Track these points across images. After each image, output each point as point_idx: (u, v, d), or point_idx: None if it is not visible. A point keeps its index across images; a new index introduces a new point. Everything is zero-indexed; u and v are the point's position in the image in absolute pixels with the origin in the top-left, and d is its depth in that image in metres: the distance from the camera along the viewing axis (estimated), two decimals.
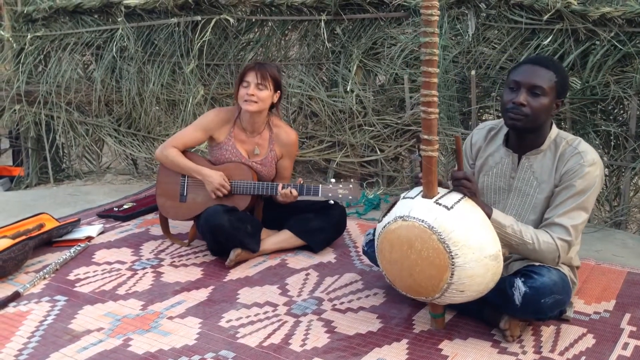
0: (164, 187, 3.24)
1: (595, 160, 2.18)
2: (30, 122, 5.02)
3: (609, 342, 2.25)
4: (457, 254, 2.01)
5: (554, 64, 2.21)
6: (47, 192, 4.61)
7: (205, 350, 2.25)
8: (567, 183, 2.19)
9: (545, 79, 2.15)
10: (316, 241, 3.14)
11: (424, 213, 2.07)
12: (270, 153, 3.16)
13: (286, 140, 3.16)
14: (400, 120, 4.04)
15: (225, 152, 3.14)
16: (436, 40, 2.01)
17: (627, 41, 3.29)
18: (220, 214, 2.92)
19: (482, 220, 2.08)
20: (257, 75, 3.01)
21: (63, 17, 4.92)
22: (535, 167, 2.27)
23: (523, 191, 2.30)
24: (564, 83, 2.19)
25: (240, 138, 3.16)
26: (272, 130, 3.17)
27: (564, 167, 2.20)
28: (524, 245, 2.18)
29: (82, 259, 3.14)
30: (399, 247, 2.12)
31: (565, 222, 2.17)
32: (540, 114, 2.16)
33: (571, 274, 2.34)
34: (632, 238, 3.34)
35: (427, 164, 2.10)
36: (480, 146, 2.44)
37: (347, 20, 4.14)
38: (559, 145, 2.24)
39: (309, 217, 3.14)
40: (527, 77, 2.15)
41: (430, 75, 2.04)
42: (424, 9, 1.98)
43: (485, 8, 3.72)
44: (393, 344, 2.26)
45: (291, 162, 3.24)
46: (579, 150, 2.20)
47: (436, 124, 2.09)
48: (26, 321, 2.51)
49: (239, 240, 2.97)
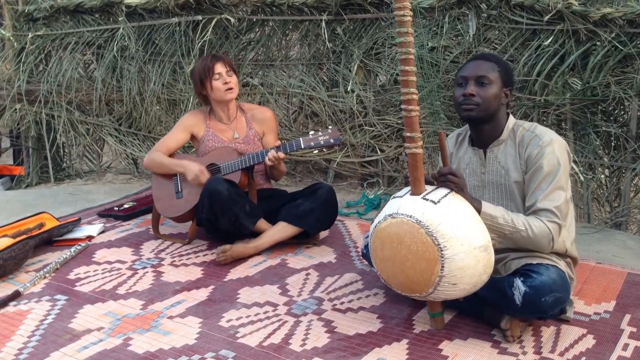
0: (159, 191, 3.35)
1: (553, 139, 2.25)
2: (31, 122, 5.02)
3: (609, 342, 2.25)
4: (445, 246, 2.03)
5: (494, 56, 2.38)
6: (48, 192, 4.62)
7: (205, 350, 2.25)
8: (534, 167, 2.24)
9: (489, 69, 2.27)
10: (309, 223, 3.14)
11: (411, 209, 2.10)
12: (250, 131, 3.32)
13: (262, 117, 3.35)
14: (400, 121, 4.04)
15: (208, 143, 3.29)
16: (411, 40, 2.08)
17: (628, 42, 3.29)
18: (221, 182, 3.03)
19: (470, 213, 2.11)
20: (225, 64, 3.22)
21: (64, 17, 4.92)
22: (499, 157, 2.35)
23: (495, 182, 2.36)
24: (507, 72, 2.31)
25: (218, 128, 3.32)
26: (246, 113, 3.37)
27: (525, 152, 2.28)
28: (517, 232, 2.19)
29: (83, 258, 3.14)
30: (390, 244, 2.14)
31: (547, 205, 2.20)
32: (491, 102, 2.27)
33: (568, 269, 2.34)
34: (633, 239, 3.34)
35: (412, 160, 2.14)
36: (452, 152, 2.52)
37: (348, 20, 4.14)
38: (516, 132, 2.33)
39: (299, 202, 3.18)
40: (472, 70, 2.29)
41: (408, 74, 2.10)
42: (397, 10, 2.06)
43: (486, 8, 3.72)
44: (393, 344, 2.26)
45: (274, 135, 3.37)
46: (536, 133, 2.28)
47: (417, 121, 2.14)
48: (26, 320, 2.51)
49: (234, 213, 3.01)
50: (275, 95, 4.45)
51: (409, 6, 2.05)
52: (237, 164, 3.13)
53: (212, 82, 3.20)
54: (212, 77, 3.19)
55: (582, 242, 2.41)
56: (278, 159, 3.05)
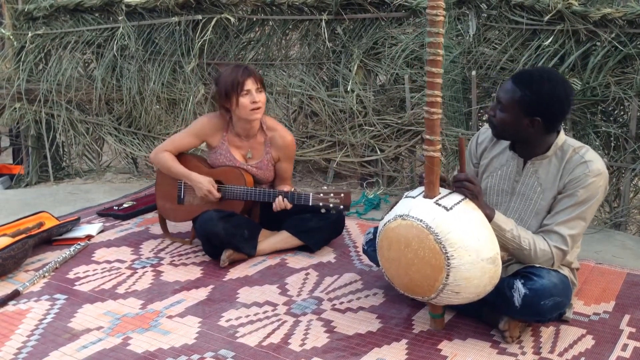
0: (163, 189, 3.28)
1: (600, 171, 2.16)
2: (30, 121, 5.02)
3: (608, 343, 2.25)
4: (453, 255, 2.01)
5: (530, 81, 2.13)
6: (47, 191, 4.61)
7: (204, 350, 2.25)
8: (570, 192, 2.18)
9: (508, 94, 2.15)
10: (314, 241, 3.13)
11: (422, 213, 2.08)
12: (265, 156, 3.13)
13: (282, 144, 3.12)
14: (400, 120, 4.04)
15: (220, 157, 3.13)
16: (441, 41, 2.02)
17: (628, 42, 3.29)
18: (214, 221, 2.92)
19: (481, 223, 2.08)
20: (256, 80, 2.96)
21: (64, 16, 4.92)
22: (540, 172, 2.26)
23: (526, 196, 2.29)
24: (531, 101, 2.11)
25: (235, 143, 3.13)
26: (266, 134, 3.13)
27: (569, 175, 2.18)
28: (520, 250, 2.19)
29: (82, 258, 3.14)
30: (397, 245, 2.13)
31: (563, 231, 2.18)
32: (505, 127, 2.20)
33: (571, 275, 2.34)
34: (632, 239, 3.34)
35: (429, 164, 2.10)
36: (487, 146, 2.44)
37: (348, 20, 4.14)
38: (565, 152, 2.22)
39: (307, 217, 3.13)
40: (500, 89, 2.22)
41: (434, 76, 2.05)
42: (430, 9, 1.99)
43: (486, 8, 3.72)
44: (392, 344, 2.26)
45: (290, 164, 3.20)
46: (585, 159, 2.17)
47: (439, 125, 2.09)
48: (26, 319, 2.51)
49: (234, 245, 2.99)
50: (275, 95, 4.45)
51: (443, 5, 1.98)
52: (243, 194, 3.02)
53: (240, 99, 2.94)
54: (241, 93, 2.93)
55: (581, 243, 2.41)
56: (282, 207, 2.94)
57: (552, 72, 2.23)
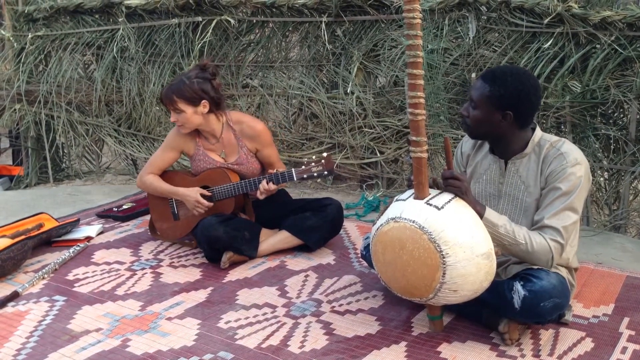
0: (157, 211, 3.30)
1: (578, 160, 2.19)
2: (30, 122, 5.02)
3: (608, 346, 2.25)
4: (447, 253, 2.02)
5: (494, 77, 2.20)
6: (47, 192, 4.61)
7: (203, 352, 2.25)
8: (552, 185, 2.20)
9: (479, 91, 2.21)
10: (313, 239, 3.15)
11: (414, 214, 2.09)
12: (241, 150, 3.15)
13: (252, 133, 3.13)
14: (400, 122, 4.04)
15: (200, 163, 3.17)
16: (420, 43, 2.04)
17: (628, 45, 3.29)
18: (215, 225, 2.95)
19: (473, 220, 2.10)
20: (168, 105, 3.06)
21: (64, 17, 4.92)
22: (521, 171, 2.29)
23: (513, 196, 2.32)
24: (500, 95, 2.16)
25: (208, 147, 3.18)
26: (234, 129, 3.16)
27: (548, 169, 2.22)
28: (516, 245, 2.18)
29: (81, 259, 3.14)
30: (392, 248, 2.13)
31: (555, 223, 2.18)
32: (479, 125, 2.23)
33: (569, 276, 2.34)
34: (631, 242, 3.34)
35: (417, 165, 2.12)
36: (469, 154, 2.48)
37: (347, 22, 4.14)
38: (542, 147, 2.26)
39: (306, 215, 3.15)
40: (471, 89, 2.26)
41: (415, 77, 2.07)
42: (406, 12, 2.01)
43: (486, 11, 3.72)
44: (392, 347, 2.26)
45: (271, 148, 3.19)
46: (561, 151, 2.21)
47: (423, 125, 2.11)
48: (25, 321, 2.51)
49: (236, 247, 3.00)
50: (275, 97, 4.45)
51: (419, 8, 2.00)
52: (230, 190, 3.05)
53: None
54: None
55: (581, 245, 2.41)
56: (268, 191, 2.96)
57: (516, 68, 2.35)
